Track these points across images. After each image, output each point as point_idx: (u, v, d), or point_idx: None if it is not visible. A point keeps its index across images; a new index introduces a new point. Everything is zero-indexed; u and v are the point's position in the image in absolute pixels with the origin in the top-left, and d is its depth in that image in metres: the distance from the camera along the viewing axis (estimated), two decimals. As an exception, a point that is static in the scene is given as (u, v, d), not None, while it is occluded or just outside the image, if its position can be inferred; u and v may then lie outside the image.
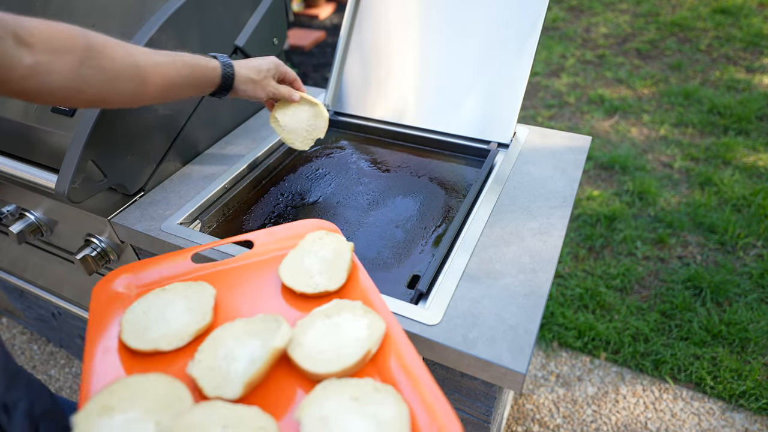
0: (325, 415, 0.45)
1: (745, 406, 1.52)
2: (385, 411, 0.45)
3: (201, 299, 0.59)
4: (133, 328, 0.55)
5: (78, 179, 0.81)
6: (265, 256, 0.68)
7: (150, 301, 0.58)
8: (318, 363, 0.51)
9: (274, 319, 0.54)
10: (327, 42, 3.94)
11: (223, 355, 0.51)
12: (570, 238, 2.12)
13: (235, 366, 0.50)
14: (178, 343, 0.54)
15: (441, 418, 0.45)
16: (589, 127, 2.86)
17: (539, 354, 1.71)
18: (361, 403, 0.46)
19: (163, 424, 0.44)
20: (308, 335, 0.54)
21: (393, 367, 0.51)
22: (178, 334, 0.55)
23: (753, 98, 2.92)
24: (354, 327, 0.54)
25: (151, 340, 0.54)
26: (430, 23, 1.10)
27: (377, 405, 0.46)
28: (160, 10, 0.90)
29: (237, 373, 0.49)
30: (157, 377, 0.49)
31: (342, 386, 0.48)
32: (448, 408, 0.46)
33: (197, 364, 0.51)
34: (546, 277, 0.74)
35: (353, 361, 0.50)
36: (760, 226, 2.08)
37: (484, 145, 1.03)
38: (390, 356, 0.52)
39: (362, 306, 0.57)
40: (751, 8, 3.97)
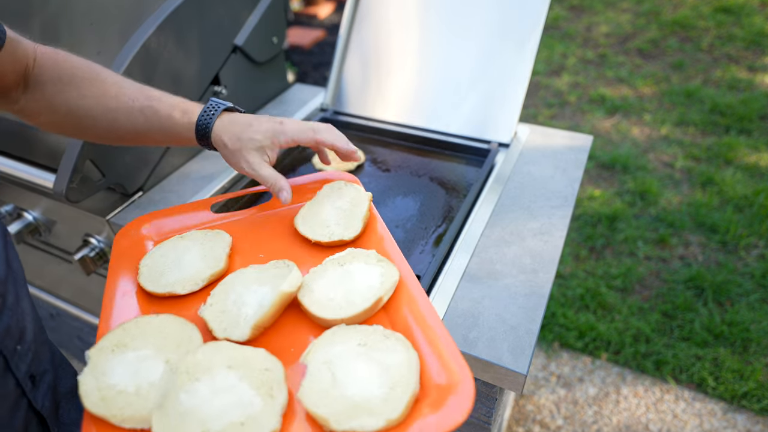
0: (330, 359, 0.46)
1: (747, 406, 1.51)
2: (393, 357, 0.45)
3: (216, 246, 0.60)
4: (150, 272, 0.57)
5: (76, 179, 0.81)
6: (282, 207, 0.69)
7: (168, 247, 0.60)
8: (327, 309, 0.51)
9: (285, 265, 0.55)
10: (326, 41, 3.94)
11: (233, 299, 0.53)
12: (571, 238, 2.12)
13: (244, 310, 0.51)
14: (192, 288, 0.56)
15: (452, 365, 0.44)
16: (590, 126, 2.85)
17: (540, 355, 1.71)
18: (369, 349, 0.46)
19: (173, 361, 0.46)
20: (320, 282, 0.54)
21: (405, 315, 0.51)
22: (192, 279, 0.56)
23: (755, 97, 2.91)
24: (366, 275, 0.54)
25: (166, 284, 0.56)
26: (431, 22, 1.09)
27: (385, 351, 0.46)
28: (159, 10, 0.89)
29: (246, 316, 0.50)
30: (170, 318, 0.51)
31: (350, 332, 0.48)
32: (459, 356, 0.44)
33: (209, 308, 0.52)
34: (547, 278, 0.73)
35: (363, 308, 0.50)
36: (761, 226, 2.07)
37: (485, 145, 1.02)
38: (403, 305, 0.52)
39: (376, 255, 0.56)
40: (753, 7, 3.96)
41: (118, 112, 0.62)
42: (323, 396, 0.43)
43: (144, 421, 0.42)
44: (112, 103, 0.62)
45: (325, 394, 0.43)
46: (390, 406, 0.41)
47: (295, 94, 1.29)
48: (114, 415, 0.42)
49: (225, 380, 0.44)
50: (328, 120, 1.16)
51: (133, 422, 0.42)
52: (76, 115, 0.62)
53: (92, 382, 0.44)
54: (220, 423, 0.41)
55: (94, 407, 0.43)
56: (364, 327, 0.49)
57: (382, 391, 0.43)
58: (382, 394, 0.42)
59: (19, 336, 0.46)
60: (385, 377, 0.44)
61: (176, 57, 0.93)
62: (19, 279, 0.47)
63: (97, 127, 0.63)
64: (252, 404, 0.42)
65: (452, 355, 0.45)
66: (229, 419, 0.41)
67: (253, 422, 0.41)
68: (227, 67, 1.07)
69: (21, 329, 0.46)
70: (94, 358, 0.46)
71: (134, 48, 0.84)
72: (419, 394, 0.43)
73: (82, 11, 0.95)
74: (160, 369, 0.46)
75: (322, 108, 1.18)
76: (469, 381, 0.42)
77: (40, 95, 0.60)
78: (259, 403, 0.42)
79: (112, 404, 0.43)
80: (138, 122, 0.63)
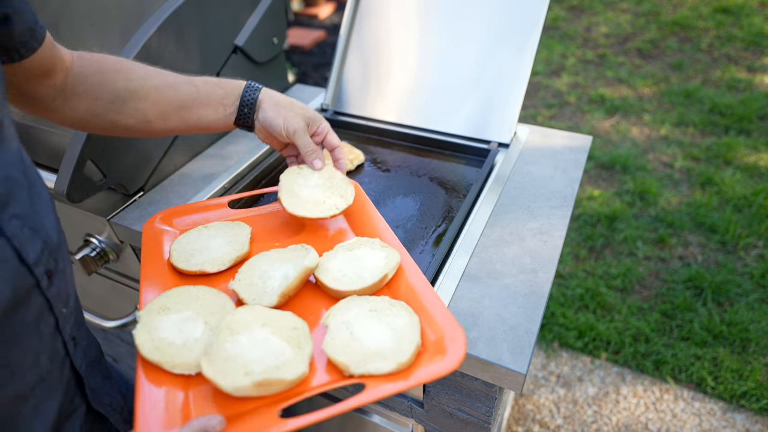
0: (348, 320, 0.54)
1: (746, 406, 1.51)
2: (399, 320, 0.54)
3: (238, 234, 0.68)
4: (180, 254, 0.65)
5: (77, 179, 0.81)
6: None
7: (194, 235, 0.68)
8: (341, 283, 0.59)
9: (303, 248, 0.63)
10: (327, 41, 3.94)
11: (259, 275, 0.60)
12: (570, 238, 2.12)
13: (270, 282, 0.59)
14: (220, 267, 0.64)
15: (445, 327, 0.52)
16: (589, 126, 2.85)
17: (540, 354, 1.71)
18: (378, 314, 0.55)
19: (211, 323, 0.54)
20: (333, 262, 0.63)
21: (405, 289, 0.60)
22: (220, 260, 0.64)
23: (754, 98, 2.91)
24: (372, 257, 0.62)
25: (196, 263, 0.63)
26: (430, 23, 1.09)
27: (392, 316, 0.55)
28: (160, 10, 0.90)
29: (272, 288, 0.58)
30: (205, 288, 0.59)
31: (362, 301, 0.57)
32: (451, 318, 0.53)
33: (237, 282, 0.60)
34: (546, 277, 0.73)
35: (372, 282, 0.59)
36: (761, 226, 2.08)
37: (485, 145, 1.02)
38: (402, 281, 0.61)
39: (380, 242, 0.65)
40: (752, 8, 3.96)
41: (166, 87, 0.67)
42: (344, 346, 0.51)
43: (191, 368, 0.50)
44: (158, 81, 0.67)
45: (345, 345, 0.51)
46: (399, 353, 0.50)
47: (296, 95, 1.29)
48: (166, 361, 0.49)
49: (260, 334, 0.51)
50: (328, 120, 1.16)
51: (183, 368, 0.50)
52: (121, 98, 0.64)
53: (145, 335, 0.52)
54: (260, 366, 0.48)
55: (150, 354, 0.50)
56: (374, 297, 0.58)
57: (392, 344, 0.51)
58: (392, 345, 0.51)
59: (65, 300, 0.50)
60: (393, 334, 0.52)
61: (177, 57, 0.93)
62: (64, 248, 0.51)
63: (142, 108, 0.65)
64: (284, 353, 0.49)
65: (446, 318, 0.53)
66: (267, 363, 0.48)
67: (286, 366, 0.48)
68: (227, 68, 1.07)
69: (67, 293, 0.50)
70: (144, 317, 0.54)
71: (135, 48, 0.84)
72: (421, 348, 0.52)
73: (83, 12, 0.96)
74: (201, 328, 0.54)
75: (323, 108, 1.19)
76: (459, 333, 0.51)
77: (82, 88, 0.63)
78: (290, 352, 0.50)
79: (165, 352, 0.50)
80: (185, 91, 0.67)
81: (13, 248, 0.41)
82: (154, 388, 0.48)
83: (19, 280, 0.42)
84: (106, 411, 0.59)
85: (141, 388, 0.48)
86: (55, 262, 0.47)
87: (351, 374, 0.49)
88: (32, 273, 0.43)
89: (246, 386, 0.45)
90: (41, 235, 0.45)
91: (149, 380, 0.49)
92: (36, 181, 0.48)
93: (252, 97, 0.70)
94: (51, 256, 0.46)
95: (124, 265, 1.00)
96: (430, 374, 0.48)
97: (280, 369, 0.48)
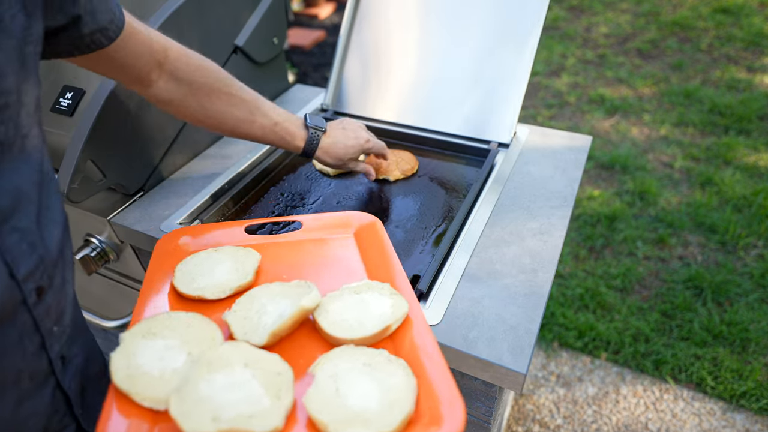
0: (337, 373, 0.50)
1: (746, 406, 1.51)
2: (394, 380, 0.49)
3: (246, 262, 0.66)
4: (184, 276, 0.63)
5: (77, 179, 0.81)
6: (310, 235, 0.74)
7: (202, 257, 0.66)
8: (340, 329, 0.55)
9: (306, 285, 0.60)
10: (327, 41, 3.94)
11: (256, 308, 0.58)
12: (570, 238, 2.12)
13: (264, 318, 0.56)
14: (220, 295, 0.61)
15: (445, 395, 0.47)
16: (589, 126, 2.85)
17: (539, 354, 1.71)
18: (372, 369, 0.50)
19: (195, 354, 0.51)
20: (335, 304, 0.58)
21: (408, 345, 0.55)
22: (221, 287, 0.62)
23: (754, 98, 2.91)
24: (378, 304, 0.58)
25: (197, 288, 0.61)
26: (431, 22, 1.09)
27: (387, 373, 0.50)
28: (160, 10, 0.90)
29: (265, 324, 0.55)
30: (196, 316, 0.56)
31: (357, 352, 0.52)
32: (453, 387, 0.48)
33: (233, 313, 0.57)
34: (546, 277, 0.73)
35: (373, 332, 0.54)
36: (760, 226, 2.08)
37: (485, 145, 1.02)
38: (407, 335, 0.56)
39: (390, 288, 0.61)
40: (752, 8, 3.96)
41: (242, 122, 0.79)
42: (326, 404, 0.46)
43: (161, 403, 0.47)
44: (238, 113, 0.78)
45: (328, 402, 0.47)
46: (385, 421, 0.45)
47: (296, 95, 1.29)
48: (137, 392, 0.47)
49: (240, 375, 0.48)
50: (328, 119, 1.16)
51: (152, 402, 0.46)
52: (205, 114, 0.77)
53: (122, 360, 0.49)
54: (231, 413, 0.44)
55: (121, 383, 0.47)
56: (371, 349, 0.53)
57: (380, 407, 0.46)
58: (380, 409, 0.46)
59: (57, 317, 0.48)
60: (384, 396, 0.47)
61: (177, 57, 0.93)
62: (68, 263, 0.50)
63: (221, 126, 0.79)
64: (260, 402, 0.46)
65: (447, 386, 0.48)
66: (239, 411, 0.44)
67: (260, 418, 0.44)
68: (228, 68, 1.07)
69: (60, 311, 0.49)
70: (126, 340, 0.51)
71: (135, 48, 0.84)
72: (414, 417, 0.47)
73: (83, 12, 0.96)
74: (183, 359, 0.50)
75: (323, 108, 1.19)
76: (460, 411, 0.45)
77: (174, 90, 0.73)
78: (267, 402, 0.46)
79: (137, 382, 0.47)
80: (256, 134, 0.80)
81: (5, 262, 0.40)
82: (120, 418, 0.46)
83: (5, 294, 0.41)
84: None
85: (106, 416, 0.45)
86: (50, 278, 0.46)
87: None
88: (20, 288, 0.42)
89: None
90: (39, 250, 0.44)
91: (118, 409, 0.46)
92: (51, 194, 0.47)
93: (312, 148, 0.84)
94: (45, 272, 0.45)
95: (124, 265, 1.00)
96: None
97: (252, 419, 0.44)
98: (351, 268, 0.68)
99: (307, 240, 0.73)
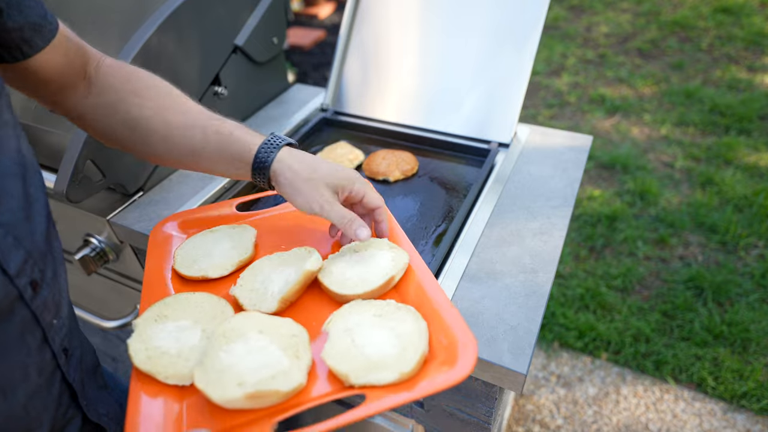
0: (350, 327, 0.52)
1: (747, 406, 1.51)
2: (405, 326, 0.51)
3: (243, 237, 0.67)
4: (185, 260, 0.64)
5: (77, 179, 0.81)
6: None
7: (199, 239, 0.67)
8: (345, 287, 0.57)
9: (306, 251, 0.62)
10: (327, 41, 3.93)
11: (261, 279, 0.59)
12: (571, 238, 2.12)
13: (271, 287, 0.57)
14: (222, 272, 0.62)
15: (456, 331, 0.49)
16: (590, 126, 2.85)
17: (540, 354, 1.71)
18: (383, 319, 0.52)
19: (209, 330, 0.53)
20: (338, 265, 0.60)
21: (413, 292, 0.57)
22: (222, 265, 0.63)
23: (754, 98, 2.91)
24: (379, 258, 0.60)
25: (199, 269, 0.62)
26: (431, 22, 1.09)
27: (398, 321, 0.52)
28: (159, 10, 0.89)
29: (273, 292, 0.57)
30: (204, 295, 0.57)
31: (366, 305, 0.54)
32: (462, 322, 0.50)
33: (239, 288, 0.58)
34: (547, 278, 0.73)
35: (377, 285, 0.56)
36: (761, 226, 2.07)
37: (485, 145, 1.02)
38: (411, 283, 0.58)
39: (388, 242, 0.63)
40: (753, 7, 3.96)
41: (176, 127, 0.60)
42: (344, 355, 0.48)
43: (185, 379, 0.48)
44: (171, 117, 0.60)
45: (346, 353, 0.49)
46: (403, 362, 0.47)
47: (295, 95, 1.29)
48: (159, 372, 0.48)
49: (257, 342, 0.49)
50: (328, 120, 1.16)
51: (176, 379, 0.48)
52: (132, 125, 0.60)
53: (140, 344, 0.50)
54: (254, 377, 0.46)
55: (142, 364, 0.48)
56: (379, 301, 0.55)
57: (395, 351, 0.48)
58: (395, 353, 0.48)
59: (55, 310, 0.48)
60: (397, 341, 0.49)
61: (176, 57, 0.93)
62: (57, 256, 0.49)
63: (151, 141, 0.61)
64: (281, 363, 0.47)
65: (456, 322, 0.50)
66: (262, 374, 0.46)
67: (282, 377, 0.46)
68: (227, 68, 1.07)
69: (57, 304, 0.48)
70: (140, 325, 0.53)
71: (134, 48, 0.84)
72: (429, 356, 0.49)
73: (83, 11, 0.95)
74: (198, 335, 0.52)
75: (323, 108, 1.19)
76: (471, 342, 0.47)
77: (102, 99, 0.60)
78: (286, 362, 0.48)
79: (159, 363, 0.49)
80: (195, 139, 0.60)
81: None
82: (147, 398, 0.47)
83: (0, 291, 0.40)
84: (103, 422, 0.57)
85: (134, 398, 0.46)
86: (41, 272, 0.45)
87: (351, 384, 0.47)
88: (14, 284, 0.41)
89: (238, 398, 0.44)
90: (25, 245, 0.43)
91: (144, 391, 0.47)
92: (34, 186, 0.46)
93: (263, 167, 0.60)
94: (36, 266, 0.44)
95: (124, 265, 1.00)
96: (435, 386, 0.45)
97: (275, 380, 0.45)
98: None
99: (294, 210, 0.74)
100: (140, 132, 0.60)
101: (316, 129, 1.14)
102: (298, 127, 1.15)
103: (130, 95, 0.60)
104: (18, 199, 0.43)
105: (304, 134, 1.10)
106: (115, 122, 0.61)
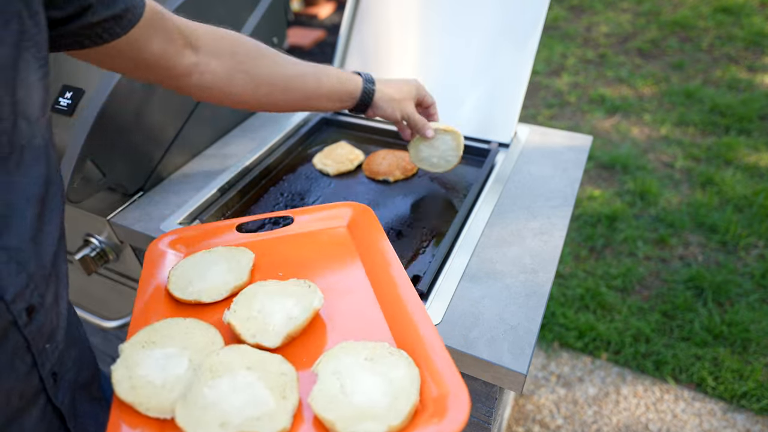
0: (339, 370, 0.50)
1: (747, 406, 1.51)
2: (397, 371, 0.49)
3: (240, 261, 0.65)
4: (179, 281, 0.62)
5: (77, 179, 0.81)
6: (302, 229, 0.74)
7: (196, 260, 0.65)
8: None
9: (305, 284, 0.60)
10: (327, 41, 3.94)
11: (257, 308, 0.57)
12: (571, 238, 2.12)
13: (272, 319, 0.55)
14: (216, 297, 0.60)
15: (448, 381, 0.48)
16: (590, 126, 2.85)
17: (540, 354, 1.71)
18: (374, 363, 0.50)
19: (196, 360, 0.51)
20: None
21: (407, 335, 0.55)
22: (217, 289, 0.61)
23: (754, 98, 2.91)
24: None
25: (193, 292, 0.60)
26: (431, 22, 1.09)
27: (389, 366, 0.50)
28: (159, 9, 0.89)
29: (275, 325, 0.55)
30: (195, 322, 0.55)
31: (358, 347, 0.53)
32: (455, 372, 0.48)
33: (233, 314, 0.56)
34: (547, 278, 0.73)
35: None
36: (761, 226, 2.07)
37: (485, 145, 1.02)
38: (407, 325, 0.56)
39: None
40: (753, 7, 3.96)
41: (293, 78, 0.74)
42: (331, 401, 0.46)
43: (167, 411, 0.46)
44: (287, 71, 0.73)
45: (334, 400, 0.47)
46: (393, 413, 0.45)
47: (296, 94, 1.29)
48: (141, 402, 0.46)
49: (244, 379, 0.48)
50: (328, 120, 1.16)
51: (157, 411, 0.46)
52: (254, 84, 0.71)
53: (124, 371, 0.49)
54: (238, 417, 0.44)
55: (125, 394, 0.47)
56: (372, 343, 0.53)
57: (386, 401, 0.46)
58: (385, 403, 0.46)
59: (49, 336, 0.46)
60: (388, 389, 0.47)
61: (177, 57, 0.93)
62: (62, 279, 0.49)
63: (273, 93, 0.73)
64: (267, 403, 0.46)
65: (449, 371, 0.48)
66: (246, 415, 0.45)
67: (267, 419, 0.44)
68: (227, 68, 1.07)
69: (53, 329, 0.47)
70: (126, 351, 0.51)
71: (135, 48, 0.84)
72: (419, 407, 0.47)
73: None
74: (185, 366, 0.50)
75: (323, 108, 1.18)
76: (464, 395, 0.45)
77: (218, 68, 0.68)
78: (272, 403, 0.46)
79: (141, 393, 0.47)
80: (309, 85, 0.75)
81: None
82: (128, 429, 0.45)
83: None
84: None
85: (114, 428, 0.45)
86: (41, 297, 0.44)
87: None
88: (9, 310, 0.40)
89: None
90: (28, 269, 0.42)
91: (124, 421, 0.46)
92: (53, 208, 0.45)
93: (368, 98, 0.80)
94: (36, 290, 0.43)
95: (124, 265, 1.00)
96: None
97: (260, 421, 0.44)
98: (345, 260, 0.68)
99: (299, 234, 0.73)
100: (264, 88, 0.72)
101: (316, 129, 1.14)
102: (299, 127, 1.15)
103: (246, 60, 0.70)
104: (30, 221, 0.42)
105: (304, 134, 1.10)
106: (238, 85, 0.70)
